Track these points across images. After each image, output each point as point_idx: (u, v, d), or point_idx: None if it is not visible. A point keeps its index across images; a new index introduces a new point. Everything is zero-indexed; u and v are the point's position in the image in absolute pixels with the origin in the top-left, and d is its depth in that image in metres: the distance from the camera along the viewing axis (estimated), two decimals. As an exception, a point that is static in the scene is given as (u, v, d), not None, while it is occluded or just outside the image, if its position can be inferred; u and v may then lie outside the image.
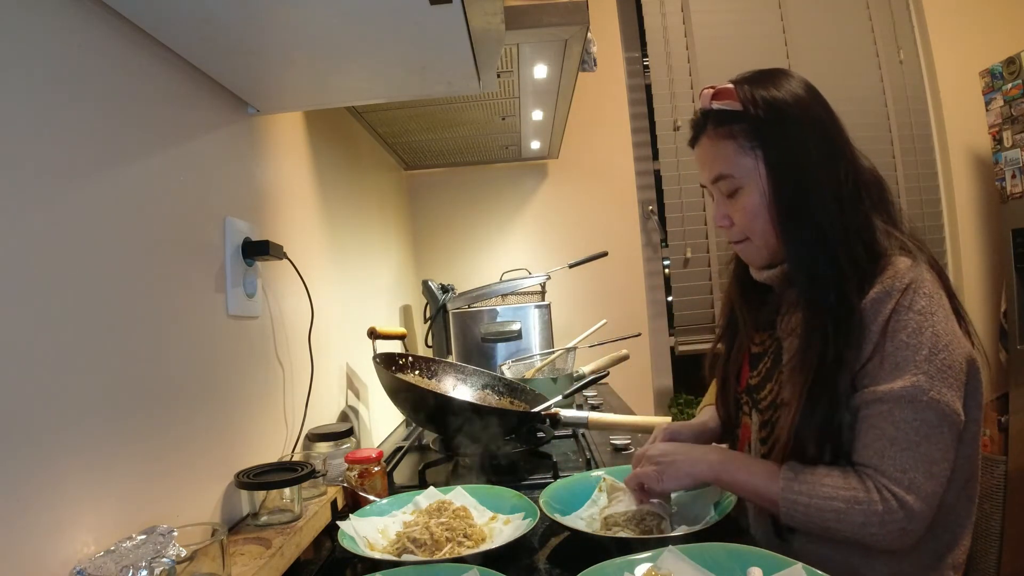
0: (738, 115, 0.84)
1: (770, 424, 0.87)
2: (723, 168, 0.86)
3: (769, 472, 0.78)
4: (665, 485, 0.82)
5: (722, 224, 0.90)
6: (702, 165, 0.90)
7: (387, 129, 1.85)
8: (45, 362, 0.54)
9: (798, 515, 0.75)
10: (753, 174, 0.84)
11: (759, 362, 0.92)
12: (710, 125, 0.87)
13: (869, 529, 0.71)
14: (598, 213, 2.50)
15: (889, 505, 0.70)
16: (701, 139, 0.89)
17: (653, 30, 2.51)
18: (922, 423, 0.71)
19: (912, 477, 0.71)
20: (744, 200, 0.85)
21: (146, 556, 0.53)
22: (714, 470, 0.81)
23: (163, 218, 0.74)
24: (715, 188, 0.89)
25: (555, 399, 1.24)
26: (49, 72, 0.57)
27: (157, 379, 0.70)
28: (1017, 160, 2.07)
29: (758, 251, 0.88)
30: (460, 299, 1.87)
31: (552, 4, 1.19)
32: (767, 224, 0.84)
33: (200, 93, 0.86)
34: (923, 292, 0.75)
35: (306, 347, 1.10)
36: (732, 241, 0.91)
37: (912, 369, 0.72)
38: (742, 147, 0.84)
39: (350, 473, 0.97)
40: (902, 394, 0.72)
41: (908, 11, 2.55)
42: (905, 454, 0.71)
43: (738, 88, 0.84)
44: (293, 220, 1.16)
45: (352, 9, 0.71)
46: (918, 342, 0.73)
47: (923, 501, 0.71)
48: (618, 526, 0.81)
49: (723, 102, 0.85)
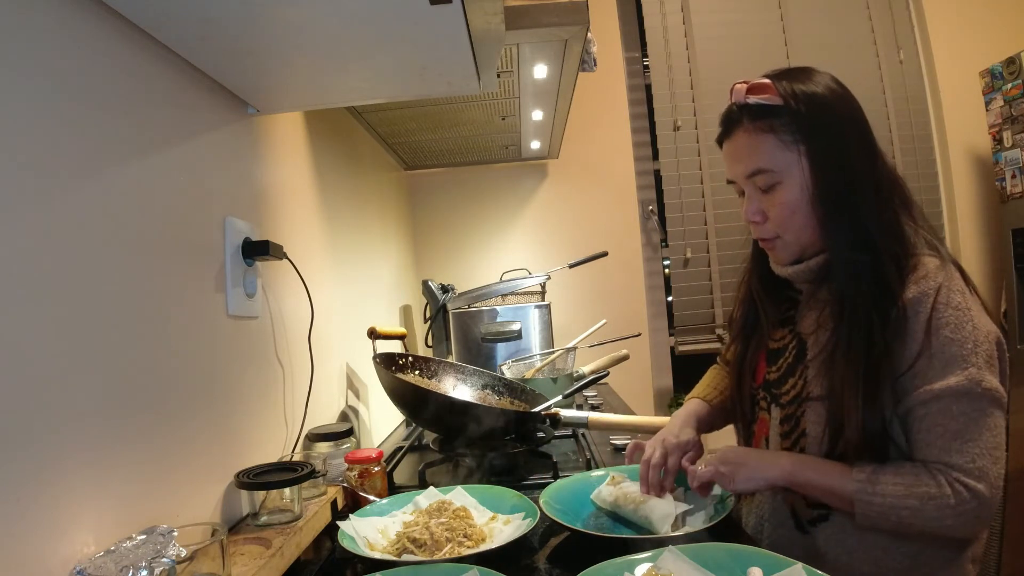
0: (778, 109, 0.83)
1: (794, 418, 0.87)
2: (762, 162, 0.84)
3: (841, 472, 0.79)
4: (738, 486, 0.82)
5: (755, 220, 0.88)
6: (736, 159, 0.88)
7: (387, 129, 1.85)
8: (45, 362, 0.54)
9: (873, 513, 0.76)
10: (794, 169, 0.83)
11: (779, 358, 0.92)
12: (746, 119, 0.85)
13: (945, 522, 0.73)
14: (598, 213, 2.50)
15: (961, 497, 0.72)
16: (736, 133, 0.87)
17: (653, 30, 2.51)
18: (981, 413, 0.74)
19: (981, 465, 0.73)
20: (783, 195, 0.84)
21: (146, 556, 0.53)
22: (787, 472, 0.81)
23: (163, 218, 0.74)
24: (750, 183, 0.87)
25: (555, 399, 1.24)
26: (48, 72, 0.57)
27: (157, 379, 0.70)
28: (1017, 160, 2.07)
29: (788, 247, 0.88)
30: (460, 299, 1.87)
31: (552, 4, 1.19)
32: (805, 219, 0.84)
33: (200, 93, 0.86)
34: (956, 289, 0.78)
35: (306, 347, 1.10)
36: (762, 238, 0.90)
37: (963, 363, 0.75)
38: (783, 141, 0.83)
39: (350, 473, 0.97)
40: (959, 389, 0.74)
41: (908, 11, 2.55)
42: (971, 445, 0.73)
43: (776, 83, 0.84)
44: (293, 220, 1.16)
45: (352, 9, 0.71)
46: (962, 337, 0.75)
47: (992, 487, 0.73)
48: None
49: (761, 96, 0.84)
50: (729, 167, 0.90)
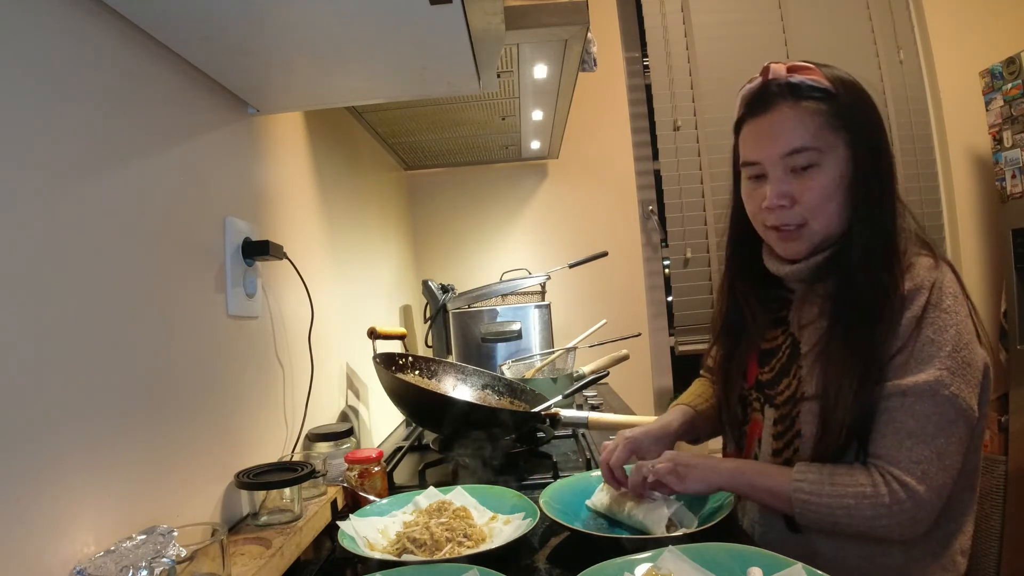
0: (825, 93, 0.81)
1: (788, 418, 0.86)
2: (807, 140, 0.81)
3: (782, 473, 0.79)
4: (688, 487, 0.82)
5: (781, 203, 0.83)
6: (772, 137, 0.83)
7: (387, 129, 1.85)
8: (45, 362, 0.54)
9: (811, 514, 0.76)
10: (836, 153, 0.81)
11: (771, 358, 0.91)
12: (790, 97, 0.82)
13: (879, 522, 0.73)
14: (598, 213, 2.50)
15: (897, 496, 0.72)
16: (776, 110, 0.83)
17: (653, 30, 2.50)
18: (940, 417, 0.73)
19: (925, 468, 0.73)
20: (819, 179, 0.81)
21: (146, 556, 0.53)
22: (730, 476, 0.82)
23: (163, 218, 0.74)
24: (781, 164, 0.83)
25: (555, 399, 1.24)
26: (48, 72, 0.57)
27: (157, 379, 0.70)
28: (1017, 160, 2.07)
29: (811, 237, 0.84)
30: (460, 299, 1.87)
31: (552, 4, 1.19)
32: (838, 207, 0.82)
33: (200, 93, 0.86)
34: (948, 292, 0.78)
35: (306, 347, 1.10)
36: (783, 224, 0.84)
37: (936, 364, 0.74)
38: (830, 124, 0.81)
39: (350, 473, 0.97)
40: (924, 388, 0.74)
41: (908, 11, 2.55)
42: (921, 446, 0.73)
43: (818, 67, 0.83)
44: (293, 220, 1.16)
45: (352, 9, 0.71)
46: (942, 339, 0.75)
47: (933, 491, 0.73)
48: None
49: (808, 76, 0.82)
50: (758, 146, 0.85)
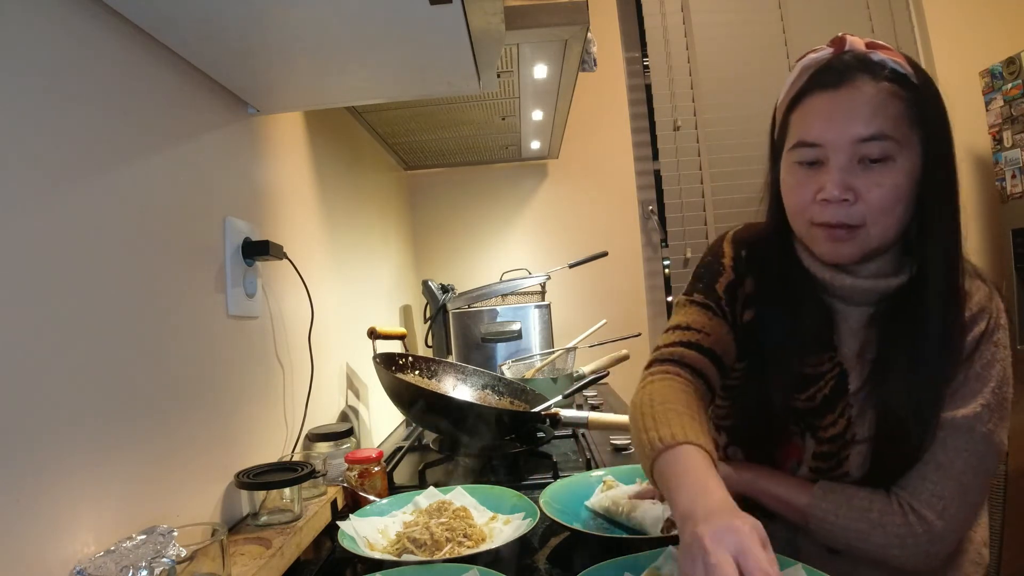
0: (906, 81, 0.71)
1: (835, 458, 0.78)
2: (887, 127, 0.69)
3: (799, 484, 0.77)
4: None
5: (844, 197, 0.70)
6: (849, 116, 0.70)
7: (387, 129, 1.85)
8: (45, 362, 0.54)
9: (825, 531, 0.74)
10: (911, 151, 0.70)
11: (811, 385, 0.79)
12: (870, 75, 0.70)
13: (891, 551, 0.71)
14: (598, 213, 2.50)
15: (912, 529, 0.70)
16: (858, 83, 0.70)
17: (653, 30, 2.50)
18: (971, 453, 0.71)
19: (947, 504, 0.70)
20: (893, 174, 0.70)
21: (146, 556, 0.53)
22: (747, 480, 0.80)
23: (163, 218, 0.74)
24: (855, 149, 0.70)
25: (555, 399, 1.24)
26: (48, 72, 0.57)
27: (157, 379, 0.70)
28: (1017, 160, 2.07)
29: (866, 243, 0.72)
30: (460, 299, 1.87)
31: (552, 4, 1.19)
32: (905, 213, 0.71)
33: (200, 93, 0.86)
34: (1002, 324, 0.75)
35: (306, 347, 1.10)
36: (839, 223, 0.71)
37: (978, 400, 0.71)
38: (909, 114, 0.70)
39: (350, 473, 0.97)
40: (962, 423, 0.71)
41: (908, 11, 2.55)
42: (946, 480, 0.71)
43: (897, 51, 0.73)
44: (293, 220, 1.16)
45: (352, 9, 0.71)
46: (989, 374, 0.72)
47: (950, 527, 0.70)
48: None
49: (891, 56, 0.71)
50: (825, 124, 0.71)
